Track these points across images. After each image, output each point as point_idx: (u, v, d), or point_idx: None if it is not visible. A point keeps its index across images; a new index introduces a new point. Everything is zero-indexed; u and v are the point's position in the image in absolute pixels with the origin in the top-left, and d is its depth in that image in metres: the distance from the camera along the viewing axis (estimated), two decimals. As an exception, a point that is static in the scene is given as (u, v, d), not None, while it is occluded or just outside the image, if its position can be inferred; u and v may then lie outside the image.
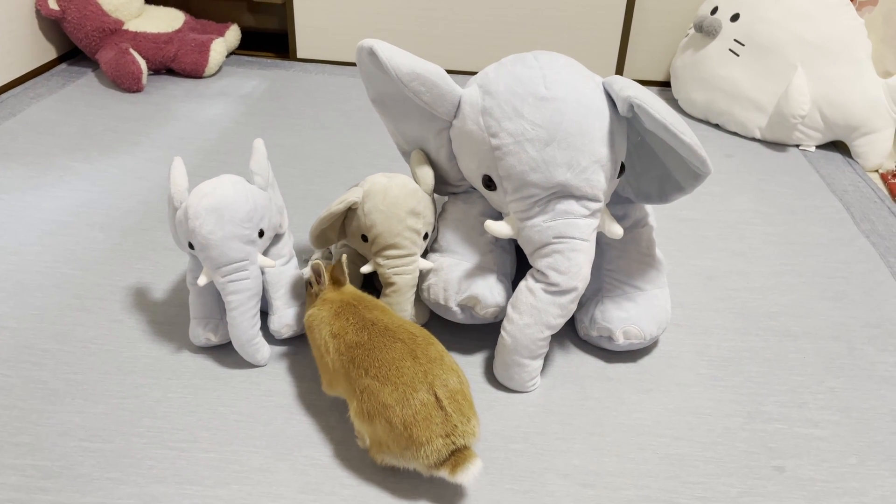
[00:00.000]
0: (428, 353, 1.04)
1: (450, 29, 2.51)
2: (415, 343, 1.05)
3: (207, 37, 2.45)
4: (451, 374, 1.03)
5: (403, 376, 1.01)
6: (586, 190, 1.15)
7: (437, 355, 1.05)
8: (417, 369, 1.02)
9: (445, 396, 1.00)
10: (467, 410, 1.02)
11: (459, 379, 1.04)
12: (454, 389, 1.02)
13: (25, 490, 1.02)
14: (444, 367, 1.03)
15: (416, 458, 1.00)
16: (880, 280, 1.57)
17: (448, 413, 0.99)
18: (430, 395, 1.00)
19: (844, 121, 2.09)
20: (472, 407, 1.03)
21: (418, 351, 1.04)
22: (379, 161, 1.98)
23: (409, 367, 1.02)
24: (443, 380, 1.02)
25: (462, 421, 1.00)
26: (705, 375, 1.29)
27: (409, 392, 1.00)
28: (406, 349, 1.04)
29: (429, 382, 1.01)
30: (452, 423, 0.99)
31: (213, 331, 1.26)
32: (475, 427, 1.02)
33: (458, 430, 0.99)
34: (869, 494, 1.08)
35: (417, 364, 1.02)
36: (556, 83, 1.15)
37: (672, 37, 2.52)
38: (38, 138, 2.00)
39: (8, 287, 1.41)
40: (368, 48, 1.19)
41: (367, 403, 1.02)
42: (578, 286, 1.16)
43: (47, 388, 1.19)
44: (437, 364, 1.03)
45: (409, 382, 1.01)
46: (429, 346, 1.05)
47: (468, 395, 1.04)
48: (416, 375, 1.01)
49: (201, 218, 1.15)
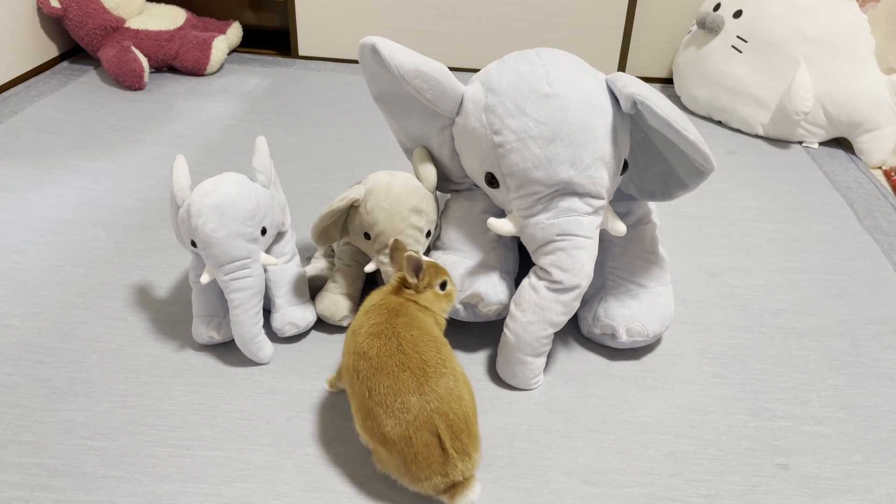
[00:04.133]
0: (437, 389, 0.97)
1: (452, 26, 2.50)
2: (424, 375, 0.97)
3: (209, 34, 2.45)
4: (457, 403, 0.98)
5: (408, 413, 0.96)
6: (589, 187, 1.15)
7: (446, 390, 0.97)
8: (423, 406, 0.96)
9: (448, 436, 0.96)
10: (469, 447, 0.98)
11: (464, 407, 0.98)
12: (458, 425, 0.97)
13: (29, 488, 1.02)
14: (451, 399, 0.97)
15: (413, 486, 0.99)
16: (884, 277, 1.57)
17: (449, 455, 0.96)
18: (433, 436, 0.96)
19: (848, 117, 2.08)
20: (476, 440, 1.00)
21: (426, 386, 0.96)
22: (381, 159, 1.97)
23: (414, 403, 0.96)
24: (447, 417, 0.96)
25: (463, 459, 0.97)
26: (709, 373, 1.29)
27: (413, 431, 0.96)
28: (414, 382, 0.96)
29: (433, 423, 0.96)
30: (453, 462, 0.97)
31: (216, 329, 1.26)
32: (476, 461, 0.99)
33: (458, 469, 0.97)
34: (873, 492, 1.07)
35: (423, 401, 0.96)
36: (559, 80, 1.15)
37: (674, 33, 2.52)
38: (40, 136, 1.99)
39: (11, 285, 1.41)
40: (371, 45, 1.18)
41: (370, 424, 0.99)
42: (582, 284, 1.16)
43: (50, 386, 1.19)
44: (444, 400, 0.97)
45: (412, 421, 0.95)
46: (440, 379, 0.97)
47: (472, 425, 0.99)
48: (421, 413, 0.95)
49: (204, 216, 1.15)
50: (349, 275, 1.35)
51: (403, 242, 1.14)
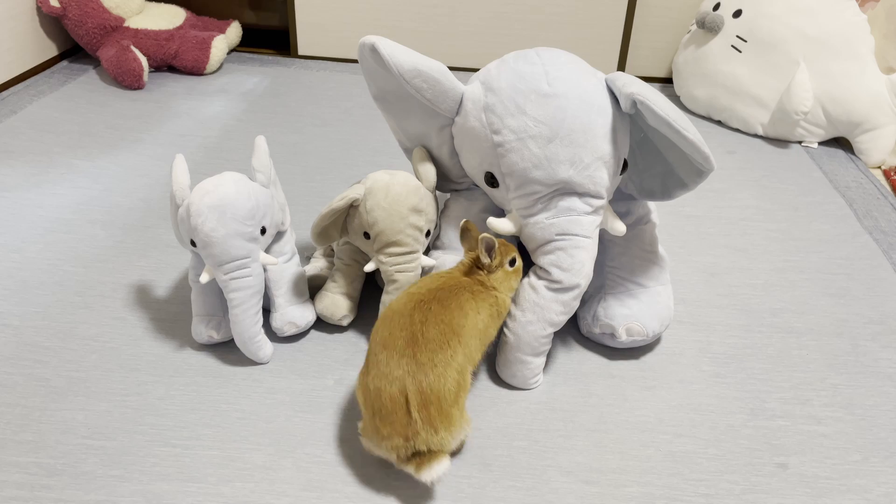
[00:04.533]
0: (422, 360, 0.99)
1: (451, 26, 2.50)
2: (417, 345, 1.00)
3: (208, 34, 2.45)
4: (437, 380, 0.99)
5: (387, 367, 1.00)
6: (589, 187, 1.15)
7: (431, 365, 0.99)
8: (403, 368, 0.99)
9: (416, 402, 0.98)
10: (437, 421, 0.99)
11: (443, 386, 0.99)
12: (429, 396, 0.98)
13: (28, 488, 1.02)
14: (433, 374, 0.99)
15: (380, 448, 1.02)
16: (883, 276, 1.57)
17: (413, 419, 0.98)
18: (401, 395, 0.98)
19: (847, 117, 2.08)
20: (447, 419, 1.00)
21: (418, 352, 1.00)
22: (380, 158, 1.97)
23: (396, 362, 1.00)
24: (421, 385, 0.98)
25: (428, 430, 0.98)
26: (708, 372, 1.29)
27: (384, 385, 0.99)
28: (407, 343, 1.00)
29: (404, 384, 0.99)
30: (415, 428, 0.98)
31: (216, 328, 1.26)
32: (445, 440, 1.00)
33: (421, 438, 0.98)
34: (873, 491, 1.07)
35: (405, 363, 0.99)
36: (558, 80, 1.15)
37: (674, 33, 2.52)
38: (40, 136, 1.99)
39: (10, 285, 1.41)
40: (370, 45, 1.18)
41: (363, 370, 1.05)
42: (581, 283, 1.16)
43: (50, 385, 1.19)
44: (424, 371, 0.99)
45: (387, 375, 1.00)
46: (431, 354, 1.00)
47: (446, 405, 1.00)
48: (397, 371, 0.99)
49: (203, 215, 1.14)
50: (349, 274, 1.35)
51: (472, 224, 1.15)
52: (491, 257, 1.12)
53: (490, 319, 1.12)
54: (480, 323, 1.09)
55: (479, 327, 1.09)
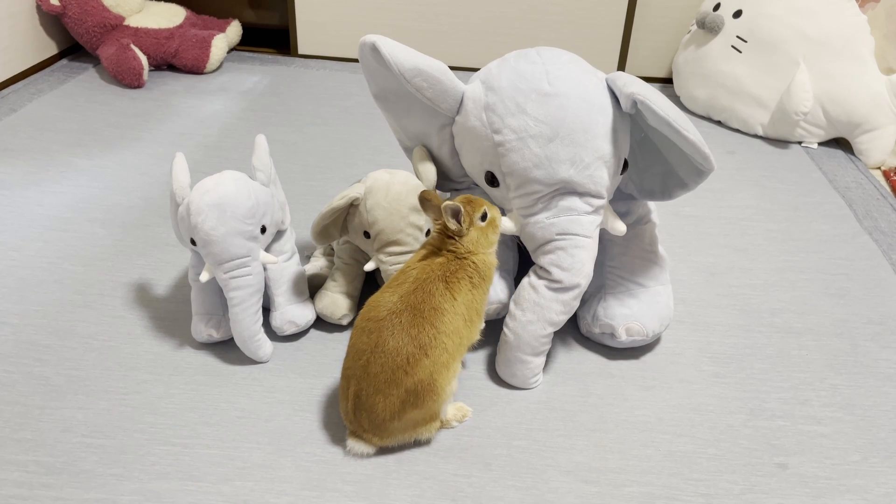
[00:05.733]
0: (371, 369, 1.03)
1: (451, 25, 2.50)
2: (375, 353, 1.03)
3: (208, 32, 2.45)
4: (375, 399, 1.03)
5: (352, 352, 1.06)
6: (589, 186, 1.15)
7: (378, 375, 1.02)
8: (357, 364, 1.04)
9: (353, 404, 1.05)
10: (367, 427, 1.06)
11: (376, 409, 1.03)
12: (363, 407, 1.04)
13: (28, 486, 1.02)
14: (373, 389, 1.03)
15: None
16: (883, 277, 1.57)
17: (348, 410, 1.07)
18: (347, 386, 1.06)
19: (847, 117, 2.08)
20: (380, 430, 1.06)
21: (372, 363, 1.03)
22: (380, 157, 1.97)
23: (355, 353, 1.05)
24: (360, 395, 1.04)
25: (357, 427, 1.07)
26: (708, 372, 1.29)
27: (347, 363, 1.07)
28: (371, 348, 1.03)
29: (351, 380, 1.05)
30: (349, 417, 1.07)
31: (216, 327, 1.26)
32: (372, 441, 1.07)
33: (354, 426, 1.07)
34: (872, 491, 1.07)
35: (360, 362, 1.04)
36: (559, 79, 1.15)
37: (674, 33, 2.52)
38: (39, 134, 1.99)
39: (9, 283, 1.41)
40: (371, 44, 1.18)
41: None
42: (581, 283, 1.16)
43: (49, 384, 1.19)
44: (370, 381, 1.03)
45: (350, 358, 1.06)
46: (388, 371, 1.02)
47: (379, 422, 1.04)
48: (354, 363, 1.05)
49: (203, 214, 1.14)
50: (349, 273, 1.35)
51: (432, 193, 1.11)
52: (459, 222, 1.07)
53: (472, 294, 1.08)
54: (461, 308, 1.07)
55: (461, 313, 1.07)
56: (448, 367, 1.06)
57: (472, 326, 1.09)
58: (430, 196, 1.09)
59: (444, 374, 1.05)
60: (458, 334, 1.06)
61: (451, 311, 1.06)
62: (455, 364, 1.08)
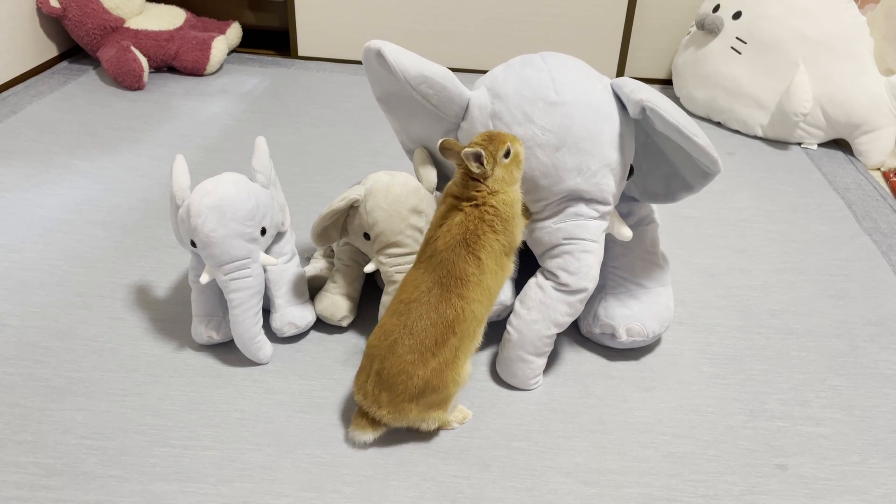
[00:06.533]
0: (398, 349, 1.05)
1: (451, 27, 2.51)
2: (403, 331, 1.05)
3: (209, 34, 2.45)
4: (398, 378, 1.04)
5: (379, 331, 1.08)
6: (596, 194, 1.15)
7: (403, 354, 1.04)
8: (383, 343, 1.06)
9: (375, 381, 1.07)
10: (384, 404, 1.06)
11: (398, 387, 1.05)
12: (385, 384, 1.06)
13: (28, 488, 1.02)
14: (397, 369, 1.04)
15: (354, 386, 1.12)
16: (882, 278, 1.57)
17: (368, 389, 1.07)
18: (369, 364, 1.08)
19: (846, 118, 2.08)
20: (398, 411, 1.06)
21: (398, 342, 1.05)
22: (380, 159, 1.97)
23: (382, 332, 1.07)
24: (382, 372, 1.05)
25: (373, 405, 1.07)
26: (707, 373, 1.29)
27: (371, 341, 1.09)
28: (400, 326, 1.05)
29: (375, 357, 1.07)
30: (365, 393, 1.08)
31: (216, 329, 1.26)
32: (386, 418, 1.07)
33: (367, 404, 1.08)
34: (871, 493, 1.08)
35: (387, 342, 1.06)
36: (565, 87, 1.15)
37: (674, 34, 2.52)
38: (40, 136, 1.99)
39: (10, 285, 1.41)
40: (376, 50, 1.17)
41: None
42: (588, 287, 1.16)
43: (49, 385, 1.19)
44: (394, 360, 1.04)
45: (375, 336, 1.08)
46: (414, 351, 1.04)
47: (399, 402, 1.06)
48: (379, 342, 1.07)
49: (203, 216, 1.15)
50: (349, 275, 1.35)
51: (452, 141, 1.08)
52: (483, 164, 1.04)
53: (498, 242, 1.06)
54: (489, 265, 1.06)
55: (489, 270, 1.06)
56: (473, 337, 1.09)
57: (502, 272, 1.10)
58: (450, 144, 1.07)
59: (467, 346, 1.08)
60: (487, 293, 1.08)
61: (478, 274, 1.06)
62: (480, 329, 1.10)
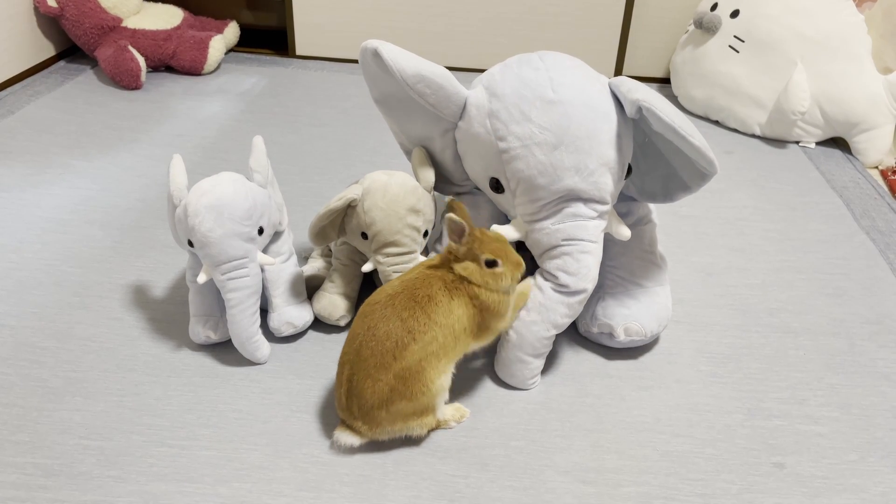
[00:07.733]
0: (363, 353, 1.04)
1: (449, 26, 2.50)
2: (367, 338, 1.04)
3: (206, 34, 2.45)
4: (366, 383, 1.03)
5: (351, 336, 1.07)
6: (594, 193, 1.15)
7: (367, 359, 1.03)
8: (351, 348, 1.06)
9: (346, 389, 1.06)
10: (357, 414, 1.06)
11: (365, 394, 1.04)
12: (353, 392, 1.05)
13: (25, 488, 1.02)
14: (363, 374, 1.03)
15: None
16: (880, 276, 1.57)
17: (339, 396, 1.08)
18: (342, 371, 1.07)
19: (844, 117, 2.09)
20: (370, 420, 1.05)
21: (364, 347, 1.04)
22: (378, 158, 1.97)
23: (351, 338, 1.07)
24: (352, 379, 1.05)
25: (347, 414, 1.07)
26: (705, 372, 1.29)
27: (344, 348, 1.08)
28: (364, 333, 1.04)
29: (346, 364, 1.06)
30: (341, 403, 1.08)
31: (213, 328, 1.26)
32: (362, 430, 1.07)
33: (343, 413, 1.08)
34: (869, 491, 1.08)
35: (353, 346, 1.06)
36: (563, 86, 1.15)
37: (671, 33, 2.52)
38: (37, 136, 1.99)
39: (7, 285, 1.41)
40: (373, 50, 1.17)
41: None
42: (588, 287, 1.16)
43: (47, 386, 1.19)
44: (361, 365, 1.04)
45: (348, 343, 1.07)
46: (378, 355, 1.02)
47: (368, 410, 1.04)
48: (349, 348, 1.07)
49: (201, 215, 1.14)
50: (346, 274, 1.35)
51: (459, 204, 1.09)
52: (460, 240, 1.05)
53: (471, 311, 1.07)
54: (457, 310, 1.05)
55: (456, 314, 1.05)
56: (439, 358, 1.05)
57: (467, 335, 1.08)
58: (455, 206, 1.09)
59: (433, 364, 1.04)
60: (451, 331, 1.05)
61: (446, 306, 1.05)
62: (447, 359, 1.07)
